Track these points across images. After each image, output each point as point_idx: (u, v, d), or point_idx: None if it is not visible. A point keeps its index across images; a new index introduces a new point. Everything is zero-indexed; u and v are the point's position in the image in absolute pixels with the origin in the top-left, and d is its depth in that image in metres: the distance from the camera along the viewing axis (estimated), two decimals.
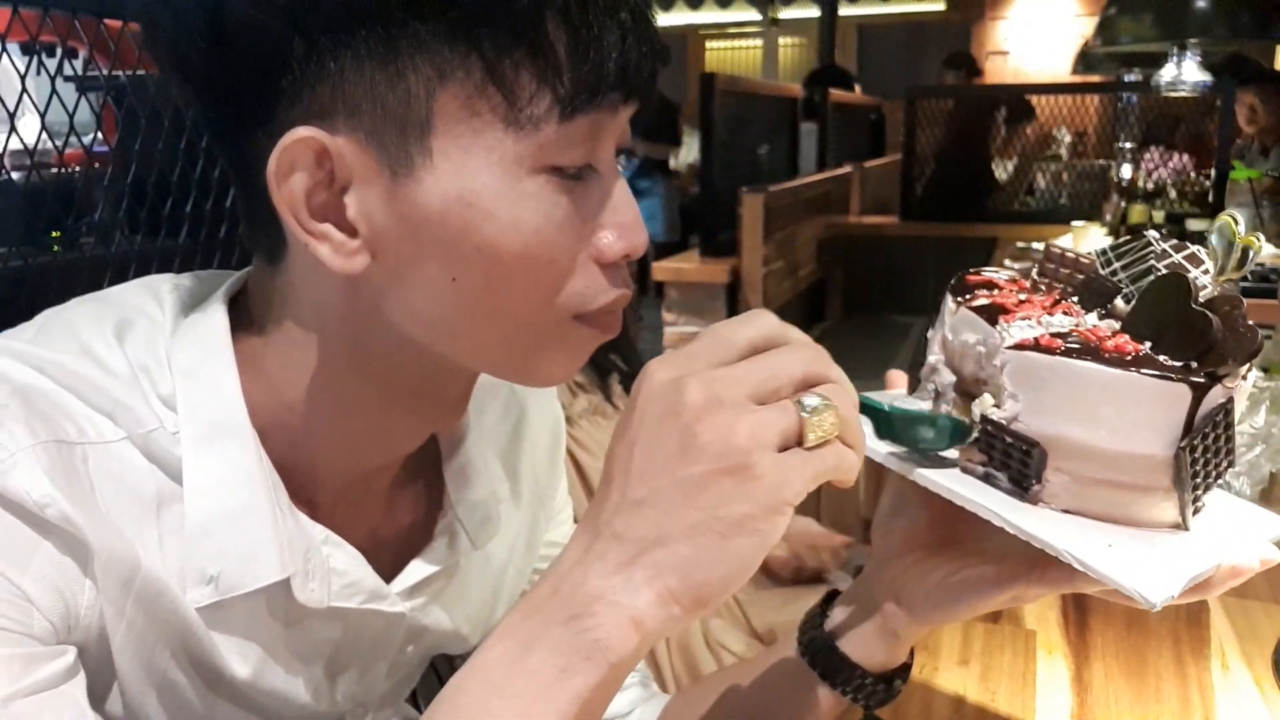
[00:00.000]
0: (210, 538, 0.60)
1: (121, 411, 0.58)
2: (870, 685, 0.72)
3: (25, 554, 0.53)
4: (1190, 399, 0.57)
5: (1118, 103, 4.56)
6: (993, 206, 4.44)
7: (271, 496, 0.61)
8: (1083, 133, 5.03)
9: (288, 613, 0.64)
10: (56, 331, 0.61)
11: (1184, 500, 0.60)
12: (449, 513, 0.72)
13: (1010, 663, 0.94)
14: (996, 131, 4.60)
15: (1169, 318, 0.59)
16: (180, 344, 0.62)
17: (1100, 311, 0.65)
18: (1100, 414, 0.58)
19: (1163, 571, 0.56)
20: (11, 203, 1.24)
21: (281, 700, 0.67)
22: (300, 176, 0.55)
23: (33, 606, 0.53)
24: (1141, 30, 4.03)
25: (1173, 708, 0.87)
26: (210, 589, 0.60)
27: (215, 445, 0.60)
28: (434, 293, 0.57)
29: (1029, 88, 5.66)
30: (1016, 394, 0.60)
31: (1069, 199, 4.44)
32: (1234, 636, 0.97)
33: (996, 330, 0.62)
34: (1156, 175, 3.81)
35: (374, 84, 0.54)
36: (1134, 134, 4.20)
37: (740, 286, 2.73)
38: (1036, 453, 0.60)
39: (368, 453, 0.67)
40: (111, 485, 0.57)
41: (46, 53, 1.19)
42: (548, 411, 0.85)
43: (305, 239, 0.57)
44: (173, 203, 1.33)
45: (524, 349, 0.61)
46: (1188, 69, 3.91)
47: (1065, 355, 0.59)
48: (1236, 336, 0.58)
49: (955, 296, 0.66)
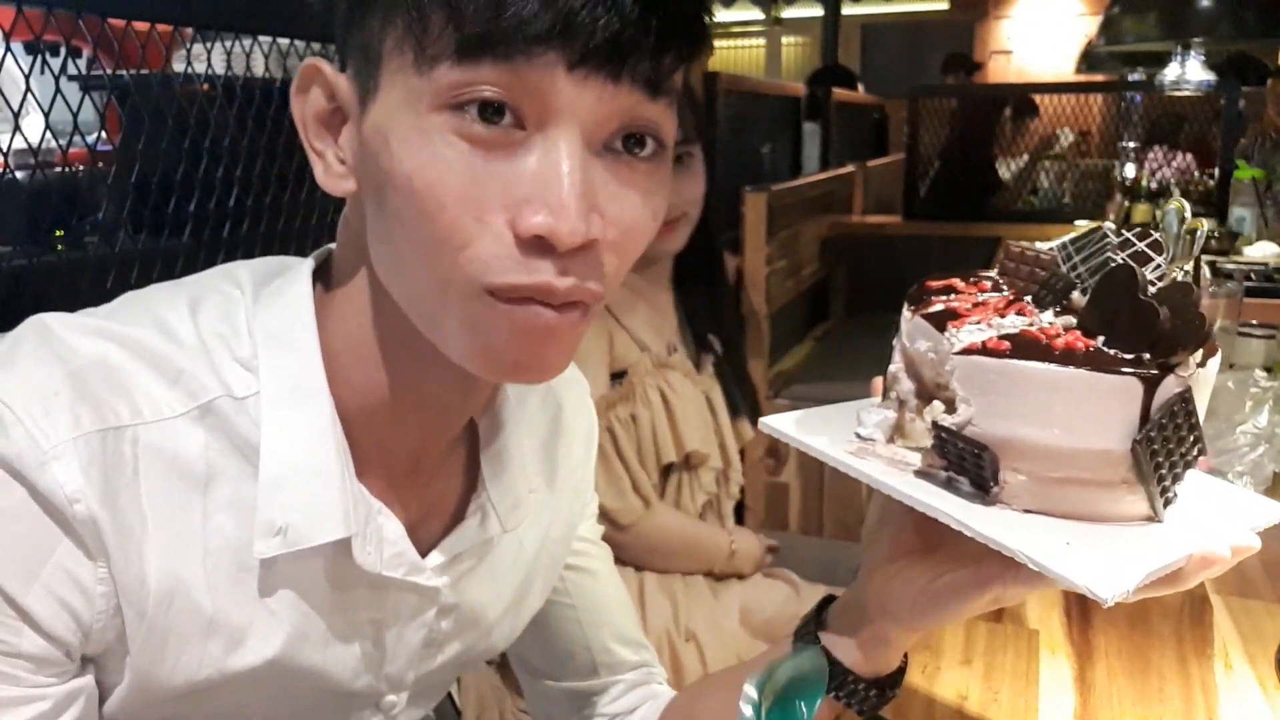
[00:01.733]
0: (282, 491, 0.62)
1: (186, 380, 0.61)
2: (863, 691, 0.72)
3: (37, 561, 0.55)
4: (1142, 392, 0.57)
5: (1121, 102, 4.55)
6: (996, 206, 4.43)
7: (341, 459, 0.64)
8: (1086, 132, 5.02)
9: (337, 579, 0.66)
10: (131, 306, 0.65)
11: (1151, 493, 0.60)
12: (482, 494, 0.75)
13: (1013, 662, 0.94)
14: (1001, 129, 4.59)
15: (1120, 310, 0.58)
16: (264, 310, 0.65)
17: (1056, 309, 0.64)
18: (1052, 413, 0.58)
19: (1120, 567, 0.56)
20: (15, 202, 1.24)
21: (315, 676, 0.68)
22: (310, 96, 0.62)
23: (25, 626, 0.55)
24: (1145, 29, 4.02)
25: (1176, 708, 0.87)
26: (278, 540, 0.62)
27: (295, 404, 0.63)
28: (371, 222, 0.61)
29: (1032, 87, 5.65)
30: (968, 398, 0.60)
31: (1072, 199, 4.43)
32: (1237, 636, 0.97)
33: (945, 336, 0.62)
34: (1160, 174, 3.80)
35: (360, 26, 0.59)
36: (1137, 133, 4.19)
37: (743, 285, 2.73)
38: (988, 455, 0.60)
39: (424, 421, 0.69)
40: (159, 466, 0.59)
41: (50, 52, 1.19)
42: (583, 408, 0.87)
43: (310, 156, 0.63)
44: (176, 202, 1.34)
45: (439, 310, 0.59)
46: (1191, 68, 3.90)
47: (1011, 357, 0.58)
48: (1187, 325, 0.57)
49: (910, 305, 0.67)
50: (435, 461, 0.73)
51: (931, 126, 4.41)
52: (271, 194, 1.50)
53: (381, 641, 0.72)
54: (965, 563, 0.64)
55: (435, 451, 0.72)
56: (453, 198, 0.55)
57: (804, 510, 2.73)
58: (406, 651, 0.74)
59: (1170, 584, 0.58)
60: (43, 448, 0.55)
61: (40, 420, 0.55)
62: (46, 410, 0.56)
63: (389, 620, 0.71)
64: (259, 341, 0.63)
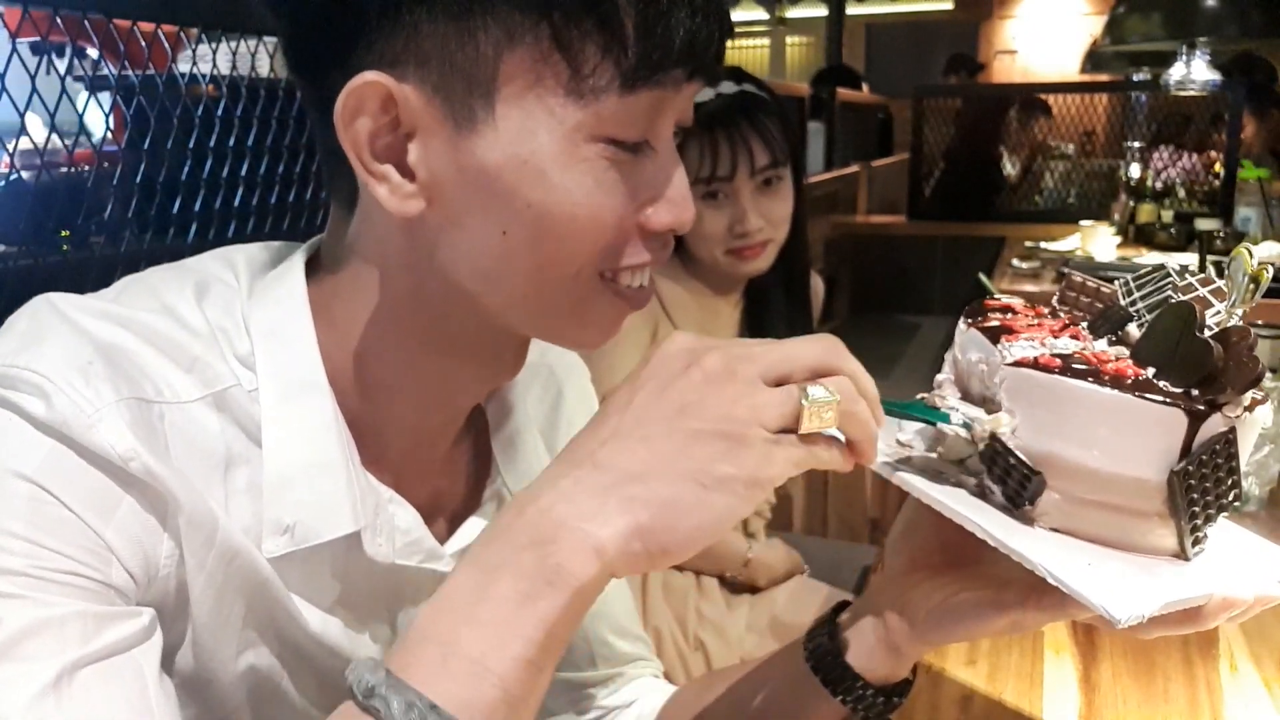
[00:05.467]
0: (288, 489, 0.62)
1: (201, 368, 0.61)
2: (870, 697, 0.72)
3: (109, 506, 0.55)
4: (1186, 425, 0.57)
5: (1126, 102, 4.55)
6: (1001, 206, 4.43)
7: (345, 452, 0.64)
8: (1091, 132, 5.02)
9: (351, 570, 0.66)
10: (138, 292, 0.64)
11: (1181, 529, 0.60)
12: (497, 479, 0.75)
13: (1018, 662, 0.94)
14: (1007, 128, 4.59)
15: (1173, 346, 0.59)
16: (258, 305, 0.64)
17: (1111, 338, 0.65)
18: (1094, 434, 0.59)
19: (1138, 592, 0.56)
20: (21, 202, 1.24)
21: (346, 662, 0.68)
22: (366, 118, 0.58)
23: (113, 556, 0.54)
24: (1150, 29, 4.02)
25: (1181, 708, 0.87)
26: (286, 539, 0.62)
27: (294, 401, 0.63)
28: (484, 243, 0.60)
29: (1038, 87, 5.66)
30: (1013, 410, 0.61)
31: (1077, 199, 4.43)
32: (1242, 637, 0.97)
33: (998, 349, 0.62)
34: (1165, 174, 3.80)
35: (445, 39, 0.56)
36: (1143, 133, 4.18)
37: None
38: (1036, 480, 0.60)
39: (429, 408, 0.69)
40: (184, 445, 0.59)
41: (56, 52, 1.20)
42: (584, 395, 0.87)
43: (365, 178, 0.59)
44: (182, 202, 1.34)
45: (556, 309, 0.63)
46: (1197, 68, 3.89)
47: (1061, 374, 0.59)
48: (1239, 366, 0.58)
49: (967, 319, 0.68)
50: (445, 449, 0.73)
51: (936, 126, 4.41)
52: (276, 194, 1.50)
53: (402, 629, 0.71)
54: (988, 584, 0.64)
55: (444, 438, 0.72)
56: (616, 219, 0.60)
57: (808, 510, 2.73)
58: None
59: (1189, 622, 0.59)
60: (87, 412, 0.54)
61: (81, 388, 0.55)
62: (86, 379, 0.56)
63: (409, 608, 0.71)
64: (255, 338, 0.63)
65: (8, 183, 1.13)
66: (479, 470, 0.76)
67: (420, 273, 0.63)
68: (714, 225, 1.58)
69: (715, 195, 1.57)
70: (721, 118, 1.55)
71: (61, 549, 0.52)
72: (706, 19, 0.58)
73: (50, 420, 0.54)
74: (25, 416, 0.54)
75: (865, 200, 4.71)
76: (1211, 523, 0.61)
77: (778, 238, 1.63)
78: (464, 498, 0.75)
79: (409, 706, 0.47)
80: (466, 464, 0.76)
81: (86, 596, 0.53)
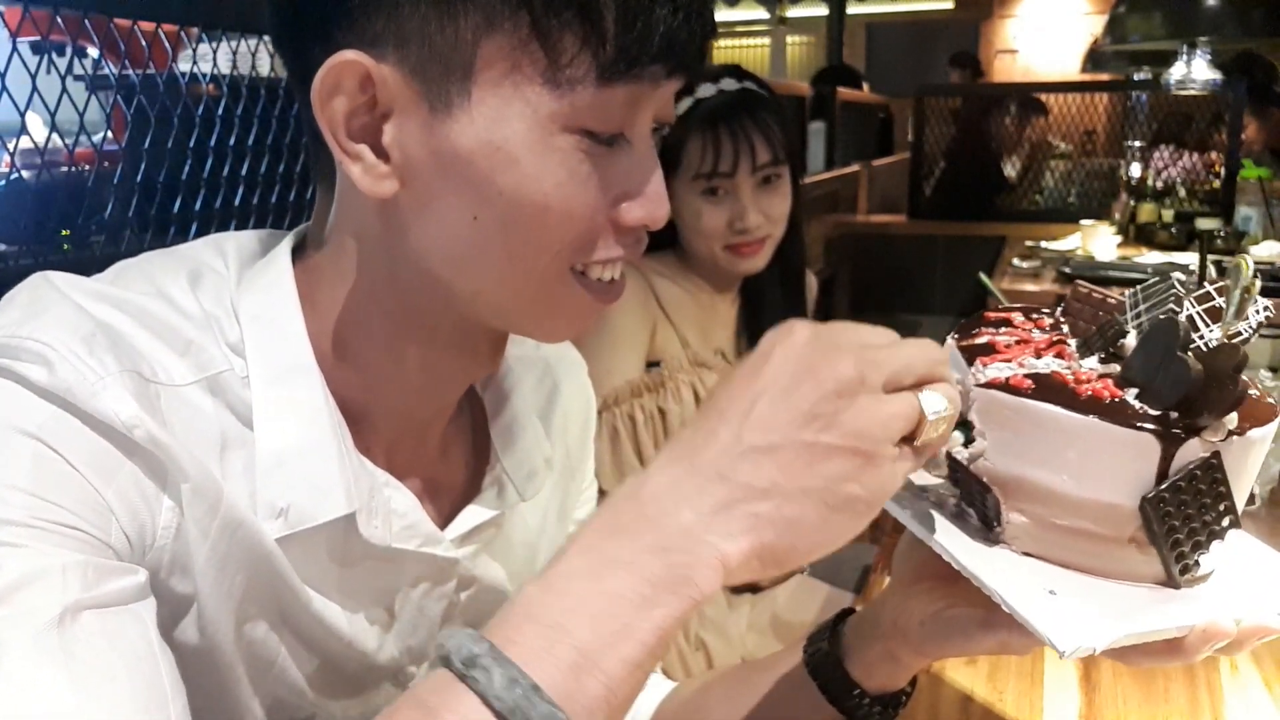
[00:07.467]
0: (281, 472, 0.62)
1: (195, 352, 0.61)
2: (866, 706, 0.72)
3: (110, 469, 0.55)
4: (1160, 450, 0.56)
5: (1127, 101, 4.55)
6: (1001, 205, 4.42)
7: (337, 433, 0.64)
8: (1092, 131, 5.02)
9: (348, 553, 0.66)
10: (134, 276, 0.64)
11: (1165, 557, 0.58)
12: (496, 466, 0.75)
13: (1018, 662, 0.94)
14: (1007, 128, 4.59)
15: (1159, 364, 0.57)
16: (247, 292, 0.64)
17: (1103, 354, 0.64)
18: (1063, 458, 0.58)
19: (1096, 623, 0.55)
20: (22, 201, 1.24)
21: (344, 643, 0.68)
22: (343, 97, 0.58)
23: (113, 517, 0.54)
24: (1151, 28, 4.02)
25: (1181, 708, 0.87)
26: (280, 522, 0.62)
27: (284, 383, 0.63)
28: (454, 228, 0.60)
29: (1038, 86, 5.65)
30: (984, 432, 0.60)
31: (1078, 198, 4.43)
32: None
33: (971, 370, 0.62)
34: (1166, 174, 3.80)
35: (425, 21, 0.56)
36: (1143, 132, 4.18)
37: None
38: (991, 497, 0.60)
39: (414, 396, 0.69)
40: (181, 424, 0.59)
41: (57, 51, 1.20)
42: (581, 391, 0.87)
43: (340, 157, 0.59)
44: (182, 201, 1.34)
45: (526, 299, 0.63)
46: (1197, 67, 3.90)
47: (1031, 397, 0.58)
48: (1219, 388, 0.55)
49: (955, 334, 0.67)
50: (438, 436, 0.73)
51: (937, 126, 4.40)
52: (277, 194, 1.50)
53: (402, 613, 0.72)
54: (982, 602, 0.63)
55: (435, 426, 0.72)
56: (587, 211, 0.60)
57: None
58: (428, 623, 0.73)
59: (1171, 654, 0.57)
60: (90, 380, 0.54)
61: (84, 356, 0.55)
62: (90, 348, 0.56)
63: (408, 592, 0.71)
64: (244, 324, 0.63)
65: (9, 182, 1.13)
66: (478, 457, 0.76)
67: (394, 256, 0.63)
68: (713, 221, 1.58)
69: (715, 191, 1.58)
70: (724, 113, 1.56)
71: (63, 502, 0.52)
72: (688, 18, 0.58)
73: (53, 387, 0.54)
74: (28, 385, 0.54)
75: (866, 199, 4.71)
76: (1202, 550, 0.59)
77: (776, 235, 1.63)
78: (463, 484, 0.75)
79: (512, 682, 0.45)
80: (464, 451, 0.76)
81: (86, 550, 0.52)
